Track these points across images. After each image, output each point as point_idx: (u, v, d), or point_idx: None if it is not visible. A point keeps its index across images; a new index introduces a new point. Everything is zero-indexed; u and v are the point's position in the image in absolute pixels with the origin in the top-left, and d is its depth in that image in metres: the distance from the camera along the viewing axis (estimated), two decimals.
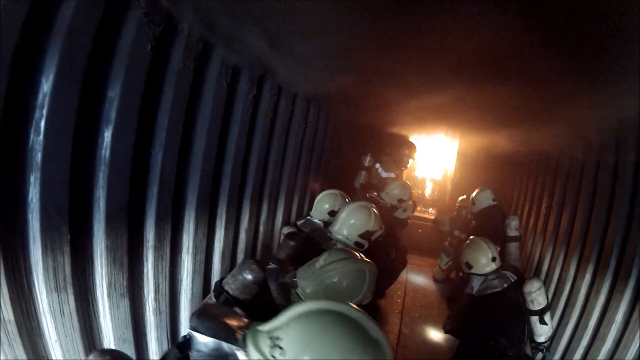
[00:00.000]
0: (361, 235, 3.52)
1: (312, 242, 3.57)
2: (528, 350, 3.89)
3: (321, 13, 2.34)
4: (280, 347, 1.25)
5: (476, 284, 3.89)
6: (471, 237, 4.41)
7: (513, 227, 5.36)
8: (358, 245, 3.50)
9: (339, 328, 1.27)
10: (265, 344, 1.29)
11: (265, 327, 1.34)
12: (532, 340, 3.84)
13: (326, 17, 2.38)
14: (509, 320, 3.66)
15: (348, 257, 2.38)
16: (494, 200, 5.91)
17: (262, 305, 2.22)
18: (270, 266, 2.49)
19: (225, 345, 1.33)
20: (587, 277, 4.21)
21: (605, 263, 3.91)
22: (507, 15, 2.05)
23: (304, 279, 2.34)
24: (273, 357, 1.25)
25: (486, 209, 5.78)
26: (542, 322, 3.70)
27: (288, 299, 2.34)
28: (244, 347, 1.31)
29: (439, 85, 3.48)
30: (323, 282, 2.29)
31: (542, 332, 3.73)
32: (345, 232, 3.54)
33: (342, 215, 3.63)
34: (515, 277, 3.86)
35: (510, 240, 5.35)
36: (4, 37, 1.59)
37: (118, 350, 1.56)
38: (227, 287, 2.02)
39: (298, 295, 2.30)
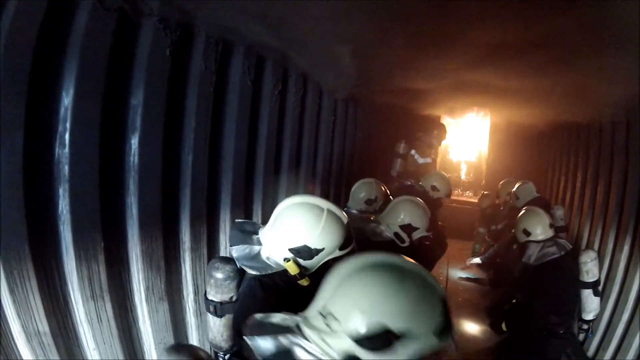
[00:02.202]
0: (402, 227, 3.37)
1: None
2: (574, 329, 3.80)
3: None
4: (334, 317, 1.18)
5: (533, 252, 3.71)
6: (525, 207, 4.25)
7: (558, 217, 5.14)
8: (397, 237, 3.35)
9: (382, 274, 1.19)
10: (319, 322, 1.21)
11: (312, 309, 1.27)
12: (579, 319, 3.75)
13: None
14: (564, 293, 3.55)
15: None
16: (537, 192, 5.69)
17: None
18: None
19: (285, 341, 1.25)
20: (626, 249, 4.02)
21: None
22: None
23: None
24: (330, 328, 1.17)
25: (530, 202, 5.56)
26: (597, 293, 3.62)
27: None
28: (302, 333, 1.23)
29: (469, 65, 3.39)
30: None
31: (592, 308, 3.64)
32: (387, 220, 3.41)
33: (391, 205, 3.51)
34: (571, 246, 3.72)
35: (557, 230, 5.15)
36: (20, 56, 1.57)
37: (193, 346, 1.52)
38: (209, 297, 1.94)
39: None
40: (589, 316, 3.69)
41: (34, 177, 1.71)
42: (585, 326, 3.79)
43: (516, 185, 5.80)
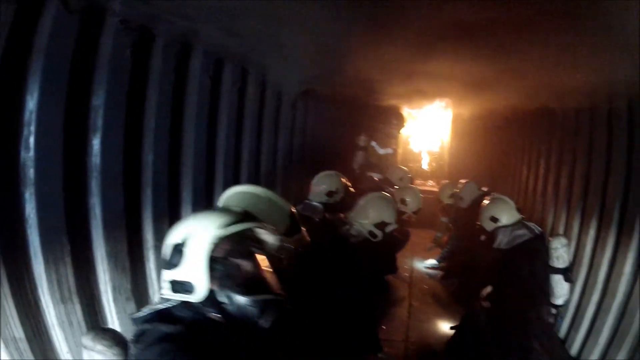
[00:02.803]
0: (376, 225, 3.60)
1: (315, 225, 3.61)
2: (546, 312, 3.96)
3: None
4: None
5: (504, 236, 3.90)
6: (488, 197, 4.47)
7: None
8: (372, 235, 3.58)
9: None
10: None
11: None
12: (549, 303, 3.90)
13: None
14: (537, 275, 3.72)
15: None
16: (480, 189, 5.98)
17: None
18: None
19: None
20: (592, 233, 4.22)
21: (609, 216, 3.93)
22: None
23: None
24: None
25: (476, 200, 5.76)
26: (567, 279, 3.77)
27: None
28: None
29: (428, 53, 3.44)
30: None
31: (562, 294, 3.80)
32: (361, 220, 3.61)
33: (361, 203, 3.71)
34: (541, 229, 3.94)
35: None
36: None
37: (113, 329, 1.63)
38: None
39: None
40: (558, 301, 3.85)
41: (1, 181, 1.79)
42: (554, 311, 3.97)
43: (459, 187, 6.06)
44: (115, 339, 1.51)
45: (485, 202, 4.31)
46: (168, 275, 1.38)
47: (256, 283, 1.42)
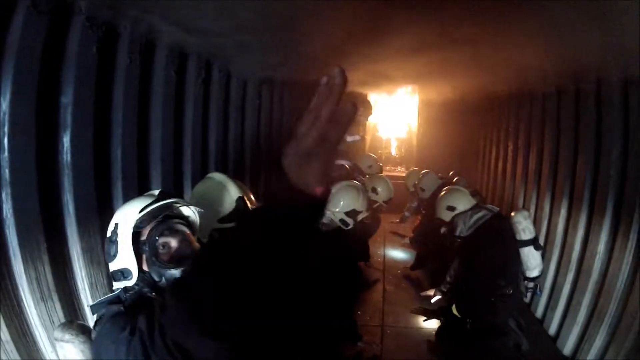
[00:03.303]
0: (347, 214, 3.74)
1: None
2: (522, 288, 4.03)
3: None
4: None
5: (464, 223, 4.04)
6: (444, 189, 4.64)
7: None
8: (343, 223, 3.73)
9: None
10: None
11: None
12: (525, 278, 3.97)
13: None
14: (504, 252, 3.79)
15: None
16: (440, 178, 6.17)
17: None
18: None
19: None
20: (563, 212, 4.45)
21: (579, 196, 4.12)
22: None
23: None
24: None
25: (437, 191, 5.87)
26: (537, 247, 3.84)
27: None
28: None
29: (391, 32, 3.46)
30: None
31: (535, 264, 3.85)
32: (332, 209, 3.73)
33: (332, 191, 3.79)
34: (498, 209, 4.08)
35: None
36: None
37: (80, 322, 1.75)
38: None
39: None
40: (533, 273, 3.89)
41: None
42: (531, 284, 3.99)
43: (420, 178, 6.23)
44: (80, 328, 1.66)
45: (440, 194, 4.47)
46: (110, 267, 1.60)
47: (184, 256, 1.58)
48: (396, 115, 10.52)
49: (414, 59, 4.38)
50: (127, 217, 1.57)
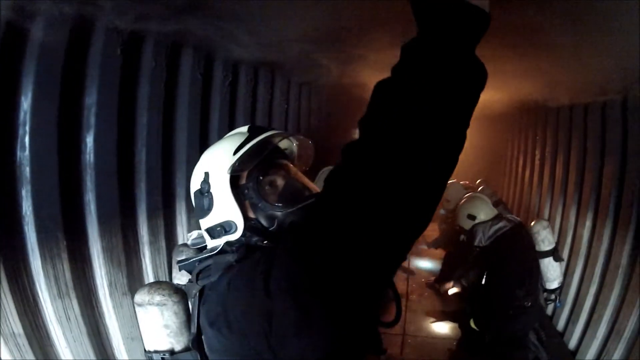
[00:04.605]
0: None
1: None
2: (542, 301, 4.06)
3: None
4: None
5: (484, 233, 3.99)
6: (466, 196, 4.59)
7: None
8: None
9: None
10: None
11: None
12: (544, 290, 3.98)
13: None
14: (524, 264, 3.78)
15: None
16: (466, 188, 6.08)
17: None
18: None
19: None
20: (588, 224, 4.37)
21: (605, 207, 4.05)
22: None
23: None
24: None
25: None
26: (557, 258, 3.83)
27: None
28: None
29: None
30: None
31: (555, 276, 3.86)
32: None
33: None
34: (519, 219, 4.02)
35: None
36: None
37: (164, 280, 1.62)
38: (175, 280, 2.05)
39: None
40: (553, 284, 3.92)
41: None
42: (552, 296, 4.04)
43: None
44: (172, 287, 1.48)
45: (462, 202, 4.43)
46: (203, 224, 1.37)
47: (296, 192, 1.37)
48: None
49: None
50: (220, 162, 1.33)
